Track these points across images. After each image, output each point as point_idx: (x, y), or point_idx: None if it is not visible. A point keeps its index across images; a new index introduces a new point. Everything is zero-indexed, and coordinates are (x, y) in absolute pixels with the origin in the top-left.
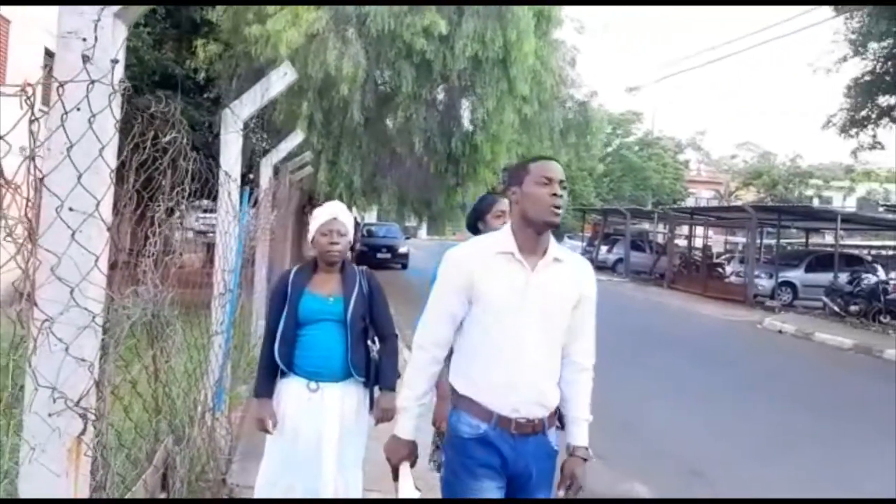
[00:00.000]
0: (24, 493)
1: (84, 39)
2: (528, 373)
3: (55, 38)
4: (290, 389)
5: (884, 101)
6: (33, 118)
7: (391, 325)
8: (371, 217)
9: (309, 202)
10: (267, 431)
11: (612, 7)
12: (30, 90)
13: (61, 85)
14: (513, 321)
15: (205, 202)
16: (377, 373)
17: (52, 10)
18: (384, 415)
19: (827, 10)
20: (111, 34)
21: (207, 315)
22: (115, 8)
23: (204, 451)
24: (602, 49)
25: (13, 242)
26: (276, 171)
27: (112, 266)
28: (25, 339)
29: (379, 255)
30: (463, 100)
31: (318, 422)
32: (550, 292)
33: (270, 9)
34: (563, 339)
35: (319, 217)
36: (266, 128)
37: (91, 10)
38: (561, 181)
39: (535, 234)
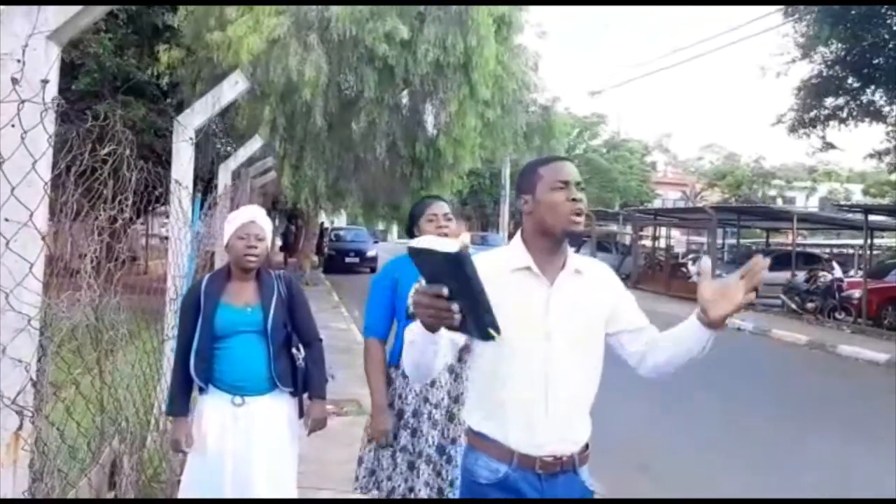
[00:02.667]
0: None
1: (19, 61)
2: (556, 403)
3: None
4: (213, 405)
5: (830, 102)
6: None
7: (315, 330)
8: (340, 221)
9: (273, 206)
10: (183, 452)
11: (574, 7)
12: None
13: None
14: (535, 345)
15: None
16: (305, 381)
17: None
18: (316, 425)
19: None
20: (44, 55)
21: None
22: (48, 31)
23: (156, 452)
24: (565, 53)
25: None
26: (238, 175)
27: (52, 272)
28: None
29: (347, 260)
30: (426, 104)
31: (247, 439)
32: (576, 309)
33: (232, 14)
34: (597, 364)
35: (235, 220)
36: (229, 133)
37: (24, 33)
38: (577, 183)
39: (552, 244)
